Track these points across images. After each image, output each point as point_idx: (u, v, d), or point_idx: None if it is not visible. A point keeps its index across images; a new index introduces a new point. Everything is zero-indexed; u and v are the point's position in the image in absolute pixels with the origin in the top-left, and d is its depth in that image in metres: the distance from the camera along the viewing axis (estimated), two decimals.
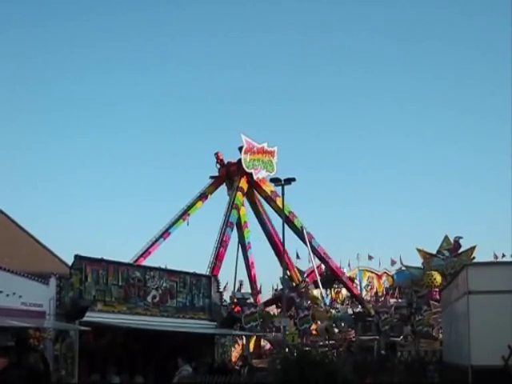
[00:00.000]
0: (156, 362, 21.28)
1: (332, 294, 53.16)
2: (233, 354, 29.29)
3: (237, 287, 44.74)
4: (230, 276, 47.34)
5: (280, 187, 29.81)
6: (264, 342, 37.74)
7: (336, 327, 39.73)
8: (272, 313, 41.67)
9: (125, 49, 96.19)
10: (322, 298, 48.38)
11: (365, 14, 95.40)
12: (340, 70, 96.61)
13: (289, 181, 28.85)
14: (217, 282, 25.04)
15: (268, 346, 37.60)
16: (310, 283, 50.59)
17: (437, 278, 54.16)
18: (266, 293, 50.87)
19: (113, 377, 18.54)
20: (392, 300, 50.75)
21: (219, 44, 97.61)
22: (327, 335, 37.06)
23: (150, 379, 19.80)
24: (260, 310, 32.49)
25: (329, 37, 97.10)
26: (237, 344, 32.11)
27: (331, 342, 36.69)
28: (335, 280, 52.81)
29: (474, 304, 14.89)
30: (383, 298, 53.60)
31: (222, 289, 27.37)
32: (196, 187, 49.88)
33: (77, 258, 19.35)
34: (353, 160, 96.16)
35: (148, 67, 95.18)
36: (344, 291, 53.63)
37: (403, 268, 60.48)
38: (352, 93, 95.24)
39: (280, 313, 36.08)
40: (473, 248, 56.42)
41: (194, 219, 48.94)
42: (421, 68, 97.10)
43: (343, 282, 52.23)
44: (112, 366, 19.06)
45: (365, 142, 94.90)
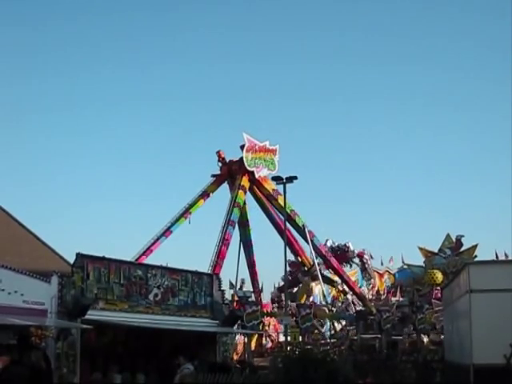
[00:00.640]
0: (157, 361, 21.25)
1: (333, 293, 53.11)
2: (234, 353, 29.28)
3: (238, 285, 44.77)
4: (232, 274, 47.45)
5: (282, 185, 29.85)
6: (265, 341, 37.75)
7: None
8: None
9: (125, 47, 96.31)
10: (324, 297, 48.32)
11: (367, 12, 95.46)
12: (342, 68, 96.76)
13: (290, 179, 28.87)
14: (218, 281, 24.99)
15: (269, 345, 37.62)
16: (322, 264, 50.38)
17: (438, 277, 54.11)
18: (268, 291, 51.03)
19: (114, 375, 18.54)
20: (394, 298, 50.77)
21: (221, 42, 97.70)
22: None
23: (152, 377, 19.74)
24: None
25: (331, 35, 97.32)
26: (238, 342, 32.09)
27: (333, 341, 36.71)
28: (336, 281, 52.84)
29: (476, 302, 14.89)
30: (385, 297, 53.59)
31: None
32: (198, 185, 49.80)
33: (78, 256, 19.32)
34: (354, 158, 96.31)
35: (149, 65, 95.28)
36: (346, 289, 53.56)
37: (405, 266, 60.45)
38: (354, 91, 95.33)
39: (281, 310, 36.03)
40: (474, 246, 56.37)
41: (196, 217, 48.87)
42: (423, 65, 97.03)
43: (345, 280, 52.20)
44: (113, 365, 19.05)
45: (366, 140, 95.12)
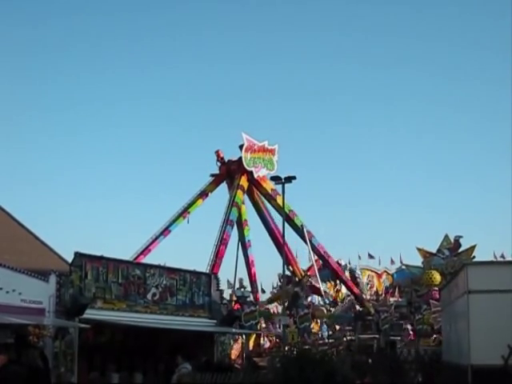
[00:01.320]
0: (155, 360, 21.26)
1: (332, 293, 53.09)
2: (232, 352, 29.27)
3: (237, 285, 44.76)
4: (230, 274, 47.44)
5: (280, 185, 29.86)
6: (263, 341, 37.74)
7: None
8: (272, 311, 41.67)
9: (125, 47, 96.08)
10: (323, 295, 48.27)
11: (367, 12, 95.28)
12: (342, 69, 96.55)
13: (289, 179, 28.89)
14: (217, 280, 25.04)
15: (267, 345, 37.61)
16: (313, 276, 50.47)
17: (436, 277, 54.05)
18: (266, 291, 50.97)
19: (112, 374, 18.57)
20: (392, 299, 50.74)
21: (220, 42, 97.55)
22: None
23: (150, 377, 19.78)
24: (264, 309, 32.41)
25: (331, 35, 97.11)
26: (236, 342, 32.09)
27: (331, 341, 36.72)
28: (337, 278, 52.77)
29: (474, 303, 14.86)
30: (383, 297, 53.59)
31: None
32: (196, 185, 49.88)
33: (77, 255, 19.35)
34: (353, 158, 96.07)
35: (148, 65, 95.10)
36: (344, 290, 53.55)
37: (403, 267, 60.43)
38: (353, 91, 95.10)
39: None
40: (473, 247, 56.28)
41: (194, 217, 48.96)
42: (424, 66, 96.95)
43: (343, 281, 52.19)
44: (111, 364, 19.09)
45: (365, 141, 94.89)
